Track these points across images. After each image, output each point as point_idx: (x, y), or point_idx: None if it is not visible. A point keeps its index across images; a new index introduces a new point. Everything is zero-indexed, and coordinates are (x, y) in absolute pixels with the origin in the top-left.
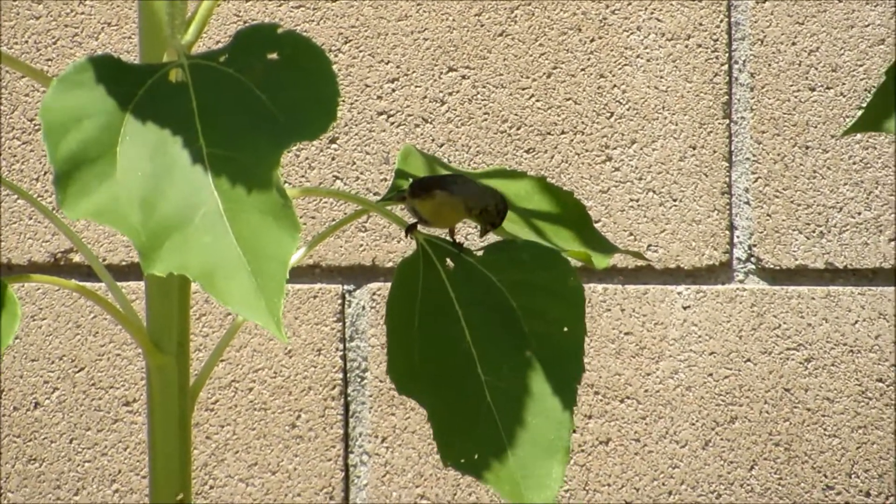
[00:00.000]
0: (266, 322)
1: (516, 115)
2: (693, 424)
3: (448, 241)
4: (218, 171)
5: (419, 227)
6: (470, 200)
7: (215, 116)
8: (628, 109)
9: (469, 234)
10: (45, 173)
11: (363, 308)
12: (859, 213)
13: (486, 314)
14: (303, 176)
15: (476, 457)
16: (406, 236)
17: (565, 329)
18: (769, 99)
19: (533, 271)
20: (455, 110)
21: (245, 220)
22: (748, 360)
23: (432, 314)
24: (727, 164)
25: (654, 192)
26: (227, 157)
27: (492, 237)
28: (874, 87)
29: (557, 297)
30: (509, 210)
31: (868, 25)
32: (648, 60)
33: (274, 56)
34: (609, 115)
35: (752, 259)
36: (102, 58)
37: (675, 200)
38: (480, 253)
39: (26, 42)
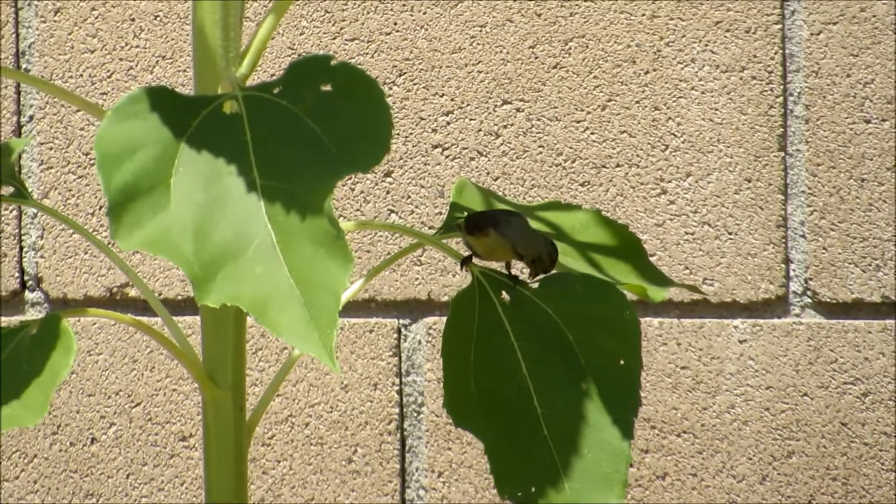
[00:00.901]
0: (319, 353)
1: (571, 147)
2: (750, 459)
3: (504, 273)
4: (271, 202)
5: (474, 259)
6: (520, 246)
7: (269, 148)
8: (683, 142)
9: (524, 267)
10: (101, 208)
11: (419, 342)
12: None
13: (542, 346)
14: (358, 209)
15: (533, 489)
16: (461, 269)
17: (621, 362)
18: (824, 131)
19: (588, 304)
20: (510, 143)
21: (298, 251)
22: (805, 394)
23: (488, 347)
24: (782, 197)
25: (709, 225)
26: (280, 188)
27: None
28: None
29: (613, 330)
30: (564, 244)
31: None
32: (703, 93)
33: (327, 87)
34: (664, 147)
35: (809, 292)
36: (157, 89)
37: (730, 234)
38: (536, 285)
39: (81, 76)
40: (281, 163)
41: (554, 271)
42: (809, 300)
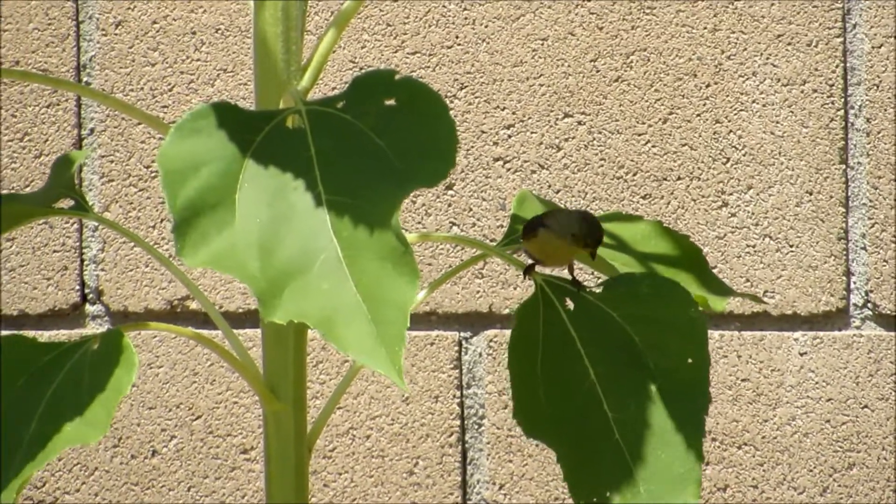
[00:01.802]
0: (387, 370)
1: (632, 160)
2: (811, 471)
3: (566, 279)
4: (337, 217)
5: (537, 268)
6: (562, 230)
7: (334, 162)
8: (744, 155)
9: (586, 277)
10: (162, 221)
11: (480, 355)
12: None
13: (609, 350)
14: (419, 222)
15: (608, 494)
16: (524, 278)
17: (689, 360)
18: (885, 144)
19: (652, 304)
20: (571, 156)
21: (364, 266)
22: (865, 406)
23: (555, 354)
24: (844, 210)
25: (770, 237)
26: (345, 203)
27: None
28: None
29: (679, 330)
30: (626, 254)
31: None
32: (764, 106)
33: (391, 102)
34: (725, 160)
35: (869, 305)
36: (220, 104)
37: (791, 246)
38: (599, 290)
39: (142, 89)
40: (346, 178)
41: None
42: (870, 312)
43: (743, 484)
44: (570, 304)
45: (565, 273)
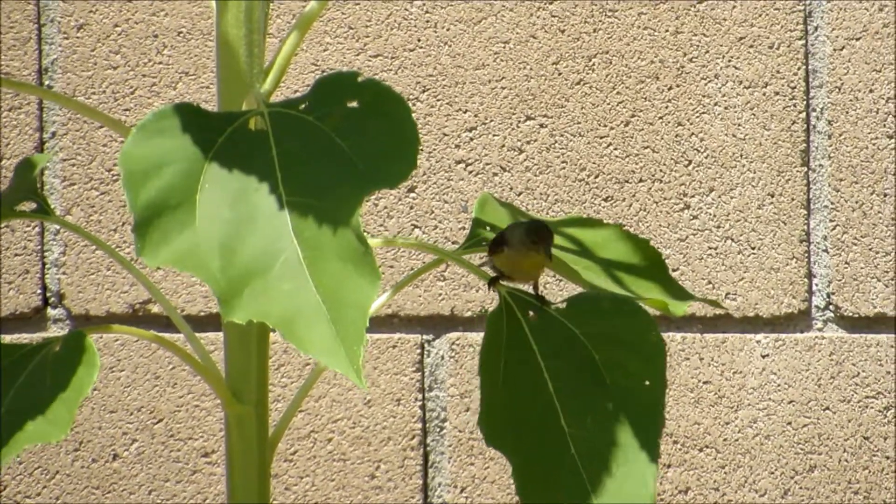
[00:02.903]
0: (346, 370)
1: (594, 163)
2: (772, 473)
3: (530, 293)
4: (298, 218)
5: (503, 281)
6: (520, 242)
7: (295, 164)
8: (706, 157)
9: (548, 283)
10: (124, 224)
11: (442, 358)
12: None
13: (569, 366)
14: (381, 225)
15: None
16: (489, 290)
17: (646, 382)
18: (847, 146)
19: (614, 323)
20: (533, 159)
21: (325, 267)
22: (827, 408)
23: (516, 366)
24: (805, 212)
25: (732, 240)
26: (307, 204)
27: (574, 289)
28: None
29: (638, 351)
30: (587, 259)
31: None
32: (726, 108)
33: (354, 104)
34: (687, 163)
35: (831, 307)
36: (182, 106)
37: (753, 248)
38: (563, 305)
39: (104, 92)
40: (308, 179)
41: (576, 286)
42: (832, 315)
43: (704, 486)
44: (533, 317)
45: (531, 288)
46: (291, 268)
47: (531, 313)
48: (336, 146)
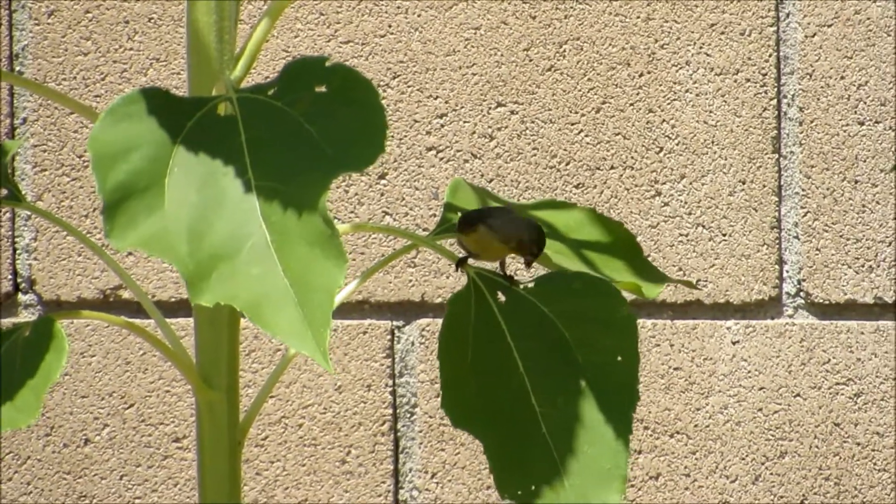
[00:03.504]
0: (312, 353)
1: (565, 150)
2: (743, 459)
3: (499, 273)
4: (266, 202)
5: (470, 261)
6: (507, 234)
7: (264, 149)
8: (677, 144)
9: (518, 270)
10: (94, 210)
11: (412, 344)
12: None
13: (539, 345)
14: (352, 212)
15: (533, 487)
16: (456, 270)
17: (619, 358)
18: (818, 133)
19: (584, 302)
20: (504, 146)
21: (292, 251)
22: (798, 394)
23: (485, 347)
24: (776, 199)
25: (703, 226)
26: (274, 188)
27: (542, 269)
28: None
29: (610, 327)
30: (559, 242)
31: None
32: (697, 95)
33: (322, 89)
34: (658, 149)
35: (802, 294)
36: (151, 90)
37: (724, 235)
38: (531, 285)
39: (75, 78)
40: (276, 163)
41: (545, 268)
42: (803, 301)
43: (675, 472)
44: (502, 298)
45: (497, 266)
46: (259, 252)
47: (499, 294)
48: (304, 131)
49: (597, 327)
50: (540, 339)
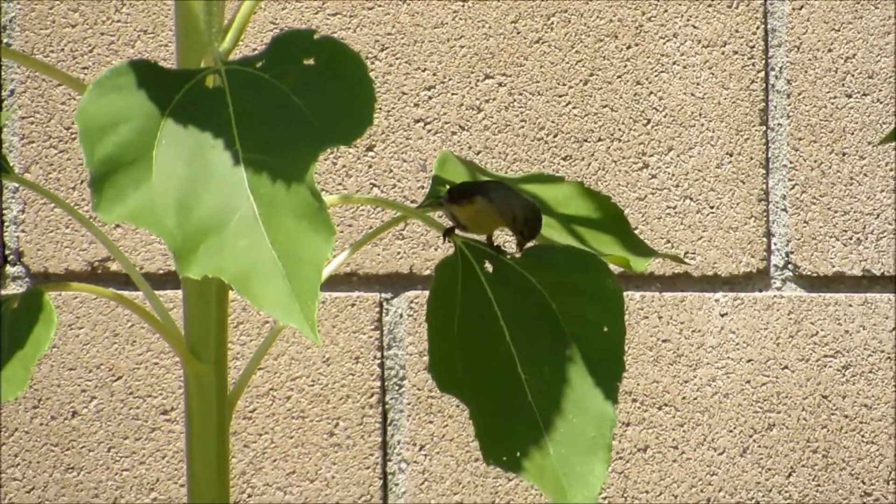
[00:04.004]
0: (300, 325)
1: (553, 122)
2: (731, 432)
3: (486, 244)
4: (254, 175)
5: (457, 231)
6: (504, 209)
7: (252, 121)
8: (665, 116)
9: (506, 242)
10: (82, 182)
11: (401, 316)
12: None
13: (526, 315)
14: (340, 184)
15: (518, 454)
16: (444, 240)
17: (605, 329)
18: (806, 106)
19: (571, 273)
20: (492, 118)
21: (280, 223)
22: (786, 367)
23: (472, 316)
24: (764, 172)
25: (691, 199)
26: (262, 161)
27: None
28: None
29: (596, 299)
30: (547, 216)
31: None
32: (685, 67)
33: (310, 61)
34: (646, 122)
35: (790, 266)
36: (139, 62)
37: (712, 208)
38: (519, 255)
39: (62, 50)
40: (264, 136)
41: (535, 242)
42: (791, 274)
43: (663, 445)
44: (490, 268)
45: (485, 238)
46: (247, 224)
47: (487, 264)
48: (292, 103)
49: (583, 299)
50: (527, 308)
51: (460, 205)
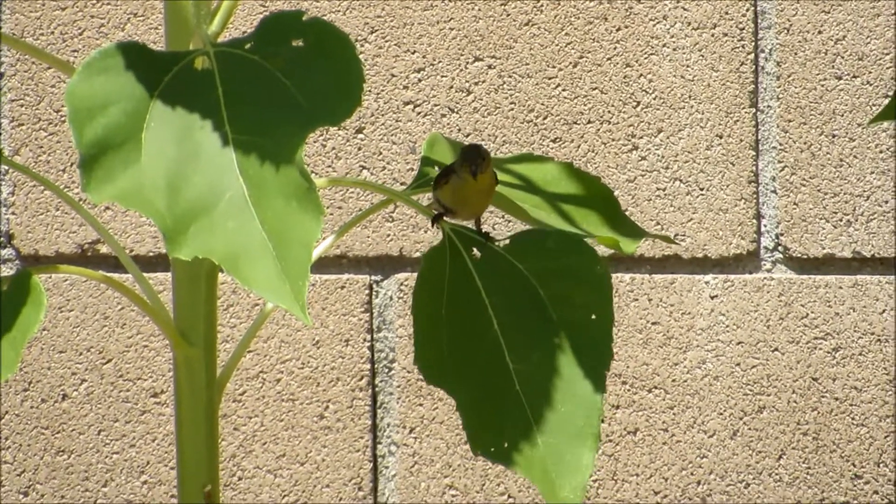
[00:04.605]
0: (290, 305)
1: (542, 104)
2: (721, 414)
3: (474, 230)
4: (243, 155)
5: (447, 218)
6: (458, 168)
7: (240, 103)
8: (654, 98)
9: (496, 224)
10: (72, 164)
11: (390, 298)
12: (886, 202)
13: (514, 302)
14: (329, 166)
15: (506, 445)
16: (432, 226)
17: (593, 316)
18: (796, 88)
19: (559, 259)
20: (481, 100)
21: (269, 204)
22: (776, 349)
23: (459, 303)
24: (754, 153)
25: (680, 181)
26: (251, 142)
27: (520, 226)
28: None
29: (584, 284)
30: (536, 196)
31: (894, 14)
32: (675, 49)
33: (299, 43)
34: (635, 104)
35: (780, 248)
36: (128, 44)
37: (701, 189)
38: (507, 242)
39: (52, 33)
40: (253, 117)
41: (523, 224)
42: (780, 256)
43: (653, 427)
44: (477, 254)
45: (473, 224)
46: (237, 205)
47: (475, 250)
48: (281, 85)
49: (571, 284)
50: (514, 295)
51: (440, 188)
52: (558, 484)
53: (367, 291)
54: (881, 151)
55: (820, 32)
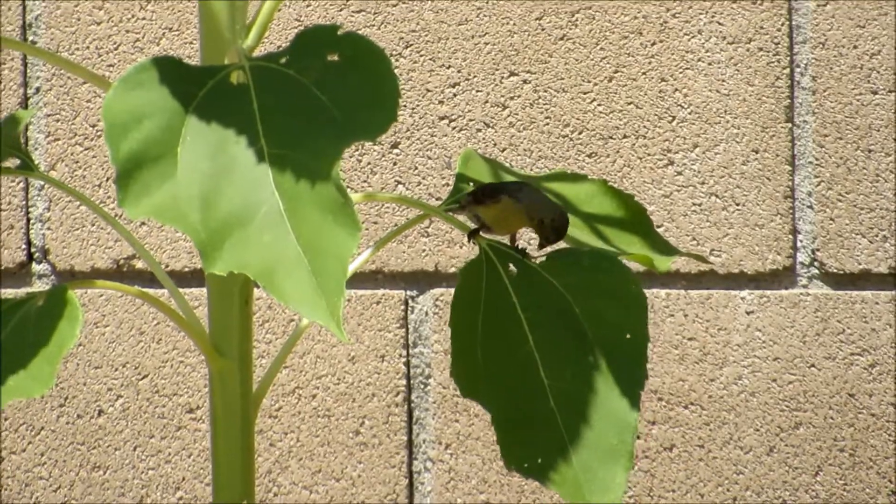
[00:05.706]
0: (326, 320)
1: (578, 119)
2: (757, 430)
3: (511, 246)
4: (279, 170)
5: (481, 233)
6: (533, 210)
7: (276, 117)
8: (690, 113)
9: (531, 239)
10: (108, 179)
11: (426, 314)
12: None
13: (549, 319)
14: (365, 181)
15: (539, 460)
16: (469, 241)
17: (628, 335)
18: (831, 102)
19: (594, 276)
20: (517, 115)
21: (305, 218)
22: (812, 365)
23: (495, 318)
24: (790, 168)
25: (716, 196)
26: (287, 156)
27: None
28: None
29: (620, 303)
30: (570, 214)
31: None
32: (710, 64)
33: (334, 57)
34: (671, 118)
35: (816, 263)
36: (164, 59)
37: (737, 205)
38: (543, 259)
39: (87, 48)
40: (288, 131)
41: (562, 244)
42: (817, 271)
43: (689, 444)
44: (514, 270)
45: (508, 240)
46: (272, 219)
47: (511, 266)
48: (316, 99)
49: (606, 302)
50: (550, 312)
51: (485, 205)
52: (591, 500)
53: (402, 307)
54: None
55: (855, 47)
